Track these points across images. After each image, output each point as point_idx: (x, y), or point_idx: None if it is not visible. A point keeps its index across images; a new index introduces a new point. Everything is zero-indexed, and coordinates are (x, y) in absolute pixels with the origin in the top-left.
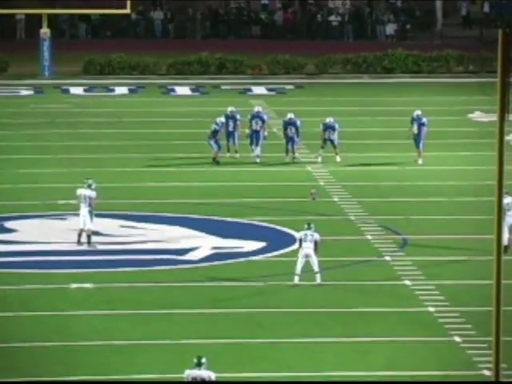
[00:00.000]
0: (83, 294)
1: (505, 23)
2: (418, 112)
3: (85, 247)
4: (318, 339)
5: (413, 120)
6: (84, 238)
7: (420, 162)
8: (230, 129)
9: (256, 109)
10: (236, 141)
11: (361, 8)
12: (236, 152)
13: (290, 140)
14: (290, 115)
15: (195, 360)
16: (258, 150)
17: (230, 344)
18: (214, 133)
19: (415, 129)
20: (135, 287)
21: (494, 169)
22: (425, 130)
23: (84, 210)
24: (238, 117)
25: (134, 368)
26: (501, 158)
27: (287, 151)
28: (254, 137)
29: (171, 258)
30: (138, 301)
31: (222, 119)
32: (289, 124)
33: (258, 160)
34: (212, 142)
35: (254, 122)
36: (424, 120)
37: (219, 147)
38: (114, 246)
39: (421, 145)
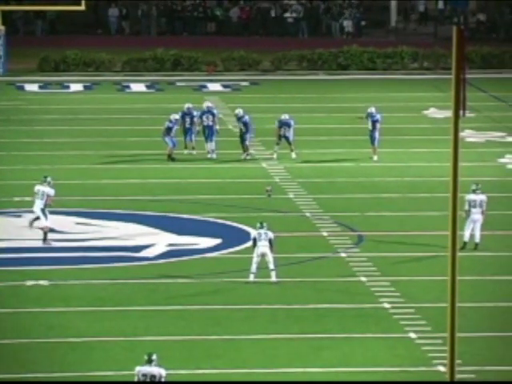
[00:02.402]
0: (39, 291)
1: (459, 20)
2: (371, 109)
3: (40, 244)
4: (273, 336)
5: (367, 117)
6: (36, 225)
7: (375, 158)
8: (187, 125)
9: (206, 104)
10: (193, 137)
11: (316, 5)
12: (193, 148)
13: (242, 135)
14: (238, 110)
15: (146, 357)
16: (212, 145)
17: (186, 341)
18: (168, 130)
19: (369, 125)
20: (91, 284)
21: (448, 165)
22: (378, 126)
23: (37, 206)
24: (195, 113)
25: (90, 365)
26: (455, 154)
27: (243, 148)
28: (207, 132)
29: (126, 255)
30: (93, 298)
31: (176, 116)
32: (239, 119)
33: (214, 156)
34: (167, 139)
35: (204, 117)
36: (378, 117)
37: (174, 144)
38: (69, 243)
39: (376, 141)
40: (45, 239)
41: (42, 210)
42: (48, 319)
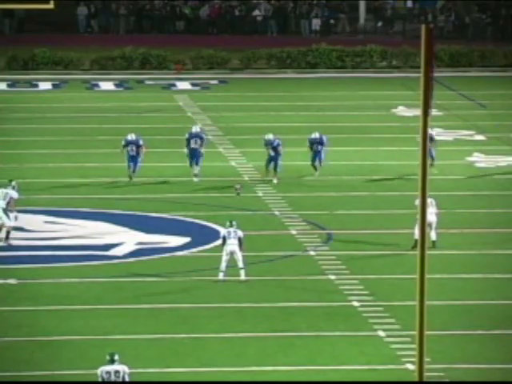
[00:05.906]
0: (7, 290)
1: (427, 18)
2: (315, 134)
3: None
4: (241, 334)
5: (311, 144)
6: (3, 233)
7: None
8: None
9: (194, 129)
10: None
11: (285, 3)
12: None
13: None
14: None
15: (108, 357)
16: (197, 169)
17: (155, 339)
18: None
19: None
20: (59, 283)
21: (417, 163)
22: (323, 148)
23: None
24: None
25: (59, 364)
26: (424, 152)
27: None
28: (193, 155)
29: (95, 254)
30: (62, 296)
31: (133, 136)
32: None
33: (196, 179)
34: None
35: (192, 141)
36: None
37: (134, 169)
38: (37, 242)
39: (322, 161)
40: (7, 238)
41: (4, 210)
42: (16, 318)
